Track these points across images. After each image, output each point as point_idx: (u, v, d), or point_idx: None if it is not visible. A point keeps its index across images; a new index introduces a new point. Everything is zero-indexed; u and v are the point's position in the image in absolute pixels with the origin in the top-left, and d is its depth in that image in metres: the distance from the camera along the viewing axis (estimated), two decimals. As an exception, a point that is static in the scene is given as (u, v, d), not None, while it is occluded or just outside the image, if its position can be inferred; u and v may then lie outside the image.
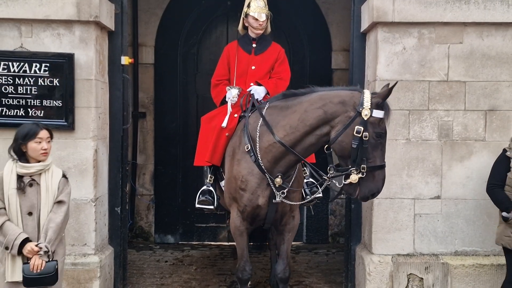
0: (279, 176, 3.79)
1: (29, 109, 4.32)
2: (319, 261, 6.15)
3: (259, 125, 3.87)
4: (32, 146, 3.21)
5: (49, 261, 3.18)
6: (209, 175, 4.48)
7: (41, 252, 3.15)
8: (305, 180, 4.30)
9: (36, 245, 3.15)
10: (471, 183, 4.37)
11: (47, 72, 4.31)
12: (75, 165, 4.37)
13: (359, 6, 4.75)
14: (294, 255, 6.19)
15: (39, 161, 3.26)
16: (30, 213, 3.21)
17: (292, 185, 3.90)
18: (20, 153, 3.24)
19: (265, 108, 3.93)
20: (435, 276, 4.42)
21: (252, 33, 4.63)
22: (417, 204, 4.47)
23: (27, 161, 3.24)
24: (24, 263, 3.17)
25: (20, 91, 4.31)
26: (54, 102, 4.33)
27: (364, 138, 3.38)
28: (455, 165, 4.45)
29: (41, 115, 4.32)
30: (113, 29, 4.66)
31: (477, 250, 4.47)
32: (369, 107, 3.41)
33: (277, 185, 3.80)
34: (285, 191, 3.81)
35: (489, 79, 4.43)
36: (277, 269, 4.14)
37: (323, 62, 6.82)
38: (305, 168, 4.35)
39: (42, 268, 3.13)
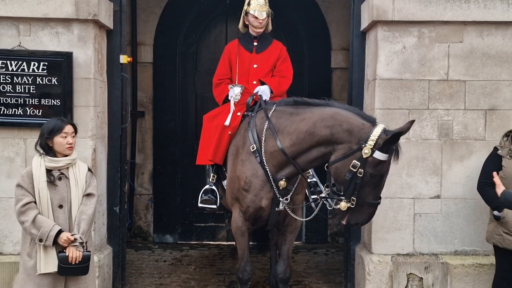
0: (283, 179, 3.78)
1: (27, 108, 4.30)
2: (318, 261, 6.13)
3: (265, 128, 3.85)
4: (58, 141, 3.32)
5: (83, 251, 3.28)
6: (212, 174, 4.47)
7: (77, 243, 3.25)
8: (308, 180, 4.28)
9: (72, 235, 3.24)
10: (471, 183, 4.35)
11: (45, 71, 4.28)
12: (74, 164, 4.34)
13: (359, 5, 4.74)
14: (294, 255, 6.17)
15: (65, 155, 3.35)
16: (61, 206, 3.30)
17: (296, 188, 3.90)
18: (47, 148, 3.34)
19: (272, 110, 3.92)
20: (434, 276, 4.40)
21: (252, 32, 4.60)
22: (417, 203, 4.46)
23: (54, 156, 3.34)
24: (59, 252, 3.24)
25: (18, 90, 4.29)
26: (53, 101, 4.31)
27: (358, 175, 3.37)
28: (455, 164, 4.44)
29: (40, 114, 4.30)
30: (112, 28, 4.64)
31: (477, 250, 4.45)
32: (372, 147, 3.35)
33: (281, 188, 3.79)
34: (288, 197, 3.81)
35: (489, 79, 4.42)
36: (278, 270, 4.13)
37: (322, 61, 6.81)
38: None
39: (80, 260, 3.24)
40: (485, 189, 3.94)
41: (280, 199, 3.81)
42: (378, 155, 3.34)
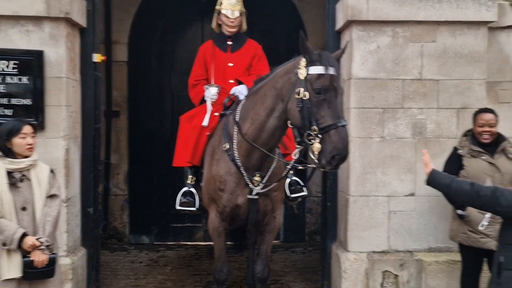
0: (258, 175, 3.76)
1: (-3, 108, 4.19)
2: (296, 259, 6.15)
3: (234, 123, 3.84)
4: (18, 142, 3.24)
5: (49, 254, 3.20)
6: (190, 176, 4.42)
7: (43, 247, 3.16)
8: (288, 179, 4.25)
9: (37, 239, 3.15)
10: (445, 180, 4.41)
11: (16, 70, 4.19)
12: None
13: (334, 4, 4.76)
14: (271, 254, 6.13)
15: (25, 157, 3.26)
16: (24, 208, 3.21)
17: (273, 183, 3.84)
18: (6, 150, 3.25)
19: (242, 103, 3.91)
20: (409, 273, 4.45)
21: (226, 31, 4.59)
22: (391, 201, 4.50)
23: (15, 157, 3.25)
24: (24, 257, 3.14)
25: (-12, 89, 4.19)
26: (23, 100, 4.22)
27: (304, 98, 3.22)
28: (428, 162, 4.48)
29: (10, 114, 4.20)
30: (85, 26, 4.56)
31: (450, 247, 4.51)
32: (304, 65, 3.28)
33: (255, 185, 3.77)
34: (262, 184, 3.75)
35: (462, 78, 4.48)
36: (256, 269, 4.12)
37: (299, 60, 6.81)
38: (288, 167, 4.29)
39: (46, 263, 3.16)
40: None
41: (252, 186, 3.75)
42: (314, 69, 3.24)
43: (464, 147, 4.00)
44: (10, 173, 3.21)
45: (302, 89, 3.24)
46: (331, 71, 3.23)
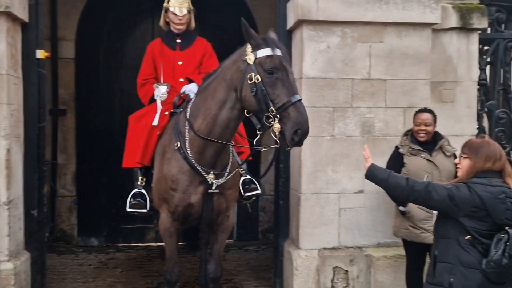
0: (212, 172, 3.72)
1: None
2: (249, 258, 6.16)
3: (185, 121, 3.79)
4: None
5: None
6: (140, 177, 4.32)
7: None
8: (242, 178, 4.22)
9: None
10: (392, 177, 4.53)
11: (-48, 66, 3.98)
12: (-15, 165, 4.07)
13: (284, 3, 4.78)
14: (224, 253, 6.13)
15: None
16: None
17: (227, 182, 3.82)
18: None
19: (192, 100, 3.86)
20: (359, 268, 4.54)
21: (174, 29, 4.53)
22: (341, 198, 4.58)
23: None
24: None
25: None
26: (-40, 98, 4.01)
27: (257, 82, 3.23)
28: (377, 160, 4.46)
29: None
30: (27, 21, 4.38)
31: (398, 242, 4.61)
32: (251, 50, 3.31)
33: (209, 182, 3.72)
34: (221, 180, 3.72)
35: (408, 78, 4.61)
36: (208, 269, 4.09)
37: (251, 59, 6.81)
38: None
39: None
40: None
41: (211, 181, 3.70)
42: (261, 52, 3.28)
43: (404, 146, 4.13)
44: None
45: (253, 74, 3.26)
46: (278, 52, 3.29)
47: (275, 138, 3.21)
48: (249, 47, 3.34)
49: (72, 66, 6.53)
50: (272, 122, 3.18)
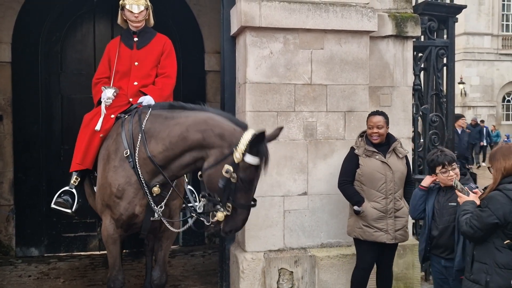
0: (157, 185, 3.68)
1: None
2: (196, 263, 6.15)
3: (139, 133, 3.70)
4: None
5: None
6: (75, 177, 4.20)
7: None
8: (186, 186, 4.20)
9: None
10: (334, 179, 4.61)
11: None
12: None
13: (228, 9, 4.84)
14: (170, 259, 6.10)
15: None
16: None
17: (172, 193, 3.80)
18: None
19: (147, 114, 3.76)
20: (303, 269, 4.66)
21: (131, 27, 4.40)
22: (286, 200, 4.67)
23: None
24: None
25: None
26: None
27: (232, 180, 3.30)
28: (319, 162, 4.73)
29: None
30: (-40, 23, 4.19)
31: (340, 242, 4.79)
32: (243, 150, 3.29)
33: (154, 194, 3.69)
34: (163, 204, 3.72)
35: (347, 83, 4.78)
36: (153, 276, 4.05)
37: (196, 63, 6.84)
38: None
39: None
40: (345, 186, 4.29)
41: (154, 207, 3.70)
42: (249, 159, 3.30)
43: (359, 147, 4.27)
44: None
45: (231, 170, 3.29)
46: (263, 162, 3.36)
47: (210, 218, 3.42)
48: (245, 144, 3.30)
49: (9, 70, 6.28)
50: (218, 210, 3.35)
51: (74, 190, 4.16)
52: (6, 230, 6.29)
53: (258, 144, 3.32)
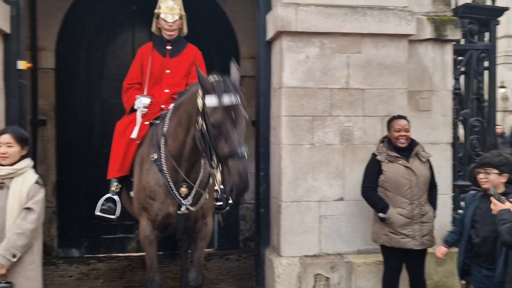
0: (184, 186, 3.75)
1: None
2: (231, 266, 6.18)
3: (162, 134, 3.81)
4: None
5: (2, 282, 3.15)
6: (115, 183, 4.33)
7: None
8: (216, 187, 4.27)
9: None
10: (371, 185, 4.62)
11: None
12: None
13: (264, 15, 4.87)
14: (206, 262, 6.16)
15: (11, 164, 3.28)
16: None
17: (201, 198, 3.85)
18: None
19: (168, 115, 3.86)
20: (340, 275, 4.60)
21: (165, 35, 4.49)
22: (322, 206, 4.64)
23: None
24: None
25: None
26: None
27: (203, 130, 3.17)
28: (356, 167, 4.68)
29: None
30: (9, 32, 4.37)
31: (377, 248, 4.67)
32: (202, 95, 3.16)
33: (182, 195, 3.75)
34: (190, 198, 3.75)
35: (385, 87, 4.72)
36: (189, 277, 4.09)
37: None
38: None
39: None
40: (369, 193, 4.21)
41: (182, 201, 3.73)
42: (208, 100, 3.10)
43: (381, 153, 4.21)
44: None
45: (200, 120, 3.20)
46: (227, 101, 3.10)
47: (218, 190, 3.29)
48: (200, 91, 3.20)
49: (52, 76, 6.50)
50: (215, 172, 3.16)
51: (115, 197, 4.28)
52: (48, 231, 6.49)
53: (217, 83, 3.14)
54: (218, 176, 3.11)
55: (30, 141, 3.47)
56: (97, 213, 4.28)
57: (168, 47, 4.48)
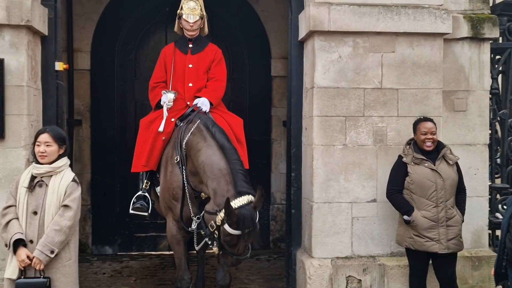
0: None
1: (-46, 117, 4.07)
2: (261, 267, 6.18)
3: (185, 142, 3.97)
4: (35, 149, 3.41)
5: (40, 277, 3.25)
6: (145, 180, 4.44)
7: (34, 263, 3.24)
8: None
9: (29, 257, 3.23)
10: (404, 186, 4.54)
11: (-26, 78, 4.08)
12: (5, 175, 4.16)
13: (296, 15, 4.85)
14: (236, 262, 6.18)
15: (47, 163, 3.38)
16: (35, 212, 3.31)
17: None
18: (34, 155, 3.45)
19: (195, 125, 4.04)
20: (372, 277, 4.55)
21: (187, 35, 4.67)
22: (354, 207, 4.60)
23: (38, 163, 3.40)
24: (17, 279, 3.26)
25: None
26: (-18, 109, 4.11)
27: (215, 235, 3.52)
28: (389, 169, 4.56)
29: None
30: (47, 34, 4.49)
31: (411, 251, 4.64)
32: (222, 218, 3.46)
33: (203, 198, 3.85)
34: (201, 216, 3.84)
35: (420, 87, 4.64)
36: (217, 277, 4.15)
37: (262, 69, 6.90)
38: None
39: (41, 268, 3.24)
40: (394, 195, 4.17)
41: (193, 218, 3.88)
42: (227, 227, 3.42)
43: (408, 155, 4.16)
44: (34, 178, 3.35)
45: (214, 227, 3.51)
46: (243, 232, 3.45)
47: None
48: (222, 213, 3.45)
49: (88, 77, 6.65)
50: (214, 245, 3.62)
51: (146, 194, 4.37)
52: (83, 229, 6.64)
53: (239, 217, 3.37)
54: (215, 249, 3.59)
55: (67, 140, 3.57)
56: (131, 211, 4.37)
57: (190, 45, 4.66)
